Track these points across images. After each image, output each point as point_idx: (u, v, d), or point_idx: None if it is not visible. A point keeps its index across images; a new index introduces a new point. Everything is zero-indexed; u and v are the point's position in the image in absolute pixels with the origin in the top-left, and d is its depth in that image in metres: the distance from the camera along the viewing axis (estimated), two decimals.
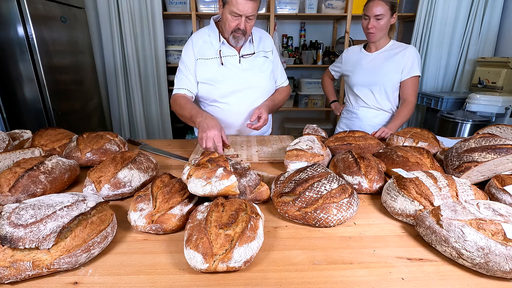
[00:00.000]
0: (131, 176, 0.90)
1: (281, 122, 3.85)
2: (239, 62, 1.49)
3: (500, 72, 2.49)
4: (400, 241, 0.72)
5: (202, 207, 0.72)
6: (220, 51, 1.47)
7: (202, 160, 0.86)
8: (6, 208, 0.63)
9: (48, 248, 0.58)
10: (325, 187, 0.79)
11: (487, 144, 0.93)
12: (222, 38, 1.46)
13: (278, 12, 3.12)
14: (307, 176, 0.84)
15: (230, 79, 1.49)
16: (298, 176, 0.85)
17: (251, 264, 0.63)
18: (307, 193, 0.78)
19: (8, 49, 2.14)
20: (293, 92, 3.45)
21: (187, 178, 0.78)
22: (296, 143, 1.13)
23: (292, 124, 3.64)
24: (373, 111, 1.83)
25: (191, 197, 0.79)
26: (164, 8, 3.09)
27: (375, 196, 0.94)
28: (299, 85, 3.55)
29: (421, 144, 1.24)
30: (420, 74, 1.71)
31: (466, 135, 2.43)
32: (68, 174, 0.95)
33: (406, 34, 3.52)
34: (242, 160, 1.22)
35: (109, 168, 0.89)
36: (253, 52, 1.52)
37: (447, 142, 1.37)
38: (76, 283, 0.58)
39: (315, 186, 0.79)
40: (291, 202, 0.79)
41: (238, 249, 0.60)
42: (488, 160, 0.89)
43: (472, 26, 2.95)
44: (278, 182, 0.88)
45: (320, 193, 0.77)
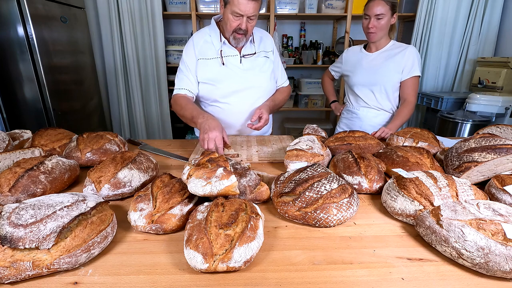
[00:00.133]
0: (131, 176, 0.90)
1: (281, 122, 3.85)
2: (240, 62, 1.49)
3: (500, 72, 2.49)
4: (400, 241, 0.72)
5: (202, 207, 0.72)
6: (221, 51, 1.47)
7: (202, 160, 0.86)
8: (6, 208, 0.63)
9: (48, 248, 0.58)
10: (325, 187, 0.79)
11: (487, 144, 0.93)
12: (223, 38, 1.46)
13: (278, 12, 3.12)
14: (307, 176, 0.84)
15: (231, 79, 1.49)
16: (298, 176, 0.85)
17: (251, 264, 0.63)
18: (307, 193, 0.78)
19: (8, 49, 2.14)
20: (293, 92, 3.46)
21: (187, 178, 0.78)
22: (296, 143, 1.13)
23: (292, 124, 3.64)
24: (373, 111, 1.83)
25: (191, 197, 0.79)
26: (164, 8, 3.10)
27: (375, 196, 0.94)
28: (299, 85, 3.55)
29: (421, 144, 1.24)
30: (420, 74, 1.72)
31: (466, 135, 2.43)
32: (68, 174, 0.95)
33: (406, 34, 3.52)
34: (242, 160, 1.22)
35: (109, 168, 0.89)
36: (254, 52, 1.52)
37: (447, 142, 1.37)
38: (76, 283, 0.58)
39: (315, 186, 0.79)
40: (291, 202, 0.79)
41: (238, 249, 0.60)
42: (488, 160, 0.89)
43: (472, 26, 2.95)
44: (278, 182, 0.88)
45: (320, 193, 0.77)
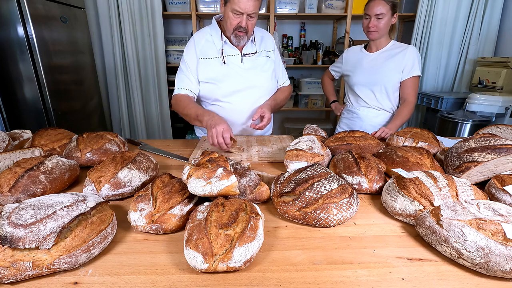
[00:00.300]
0: (131, 176, 0.90)
1: (281, 122, 3.85)
2: (241, 62, 1.49)
3: (500, 72, 2.49)
4: (400, 241, 0.72)
5: (202, 207, 0.72)
6: (222, 50, 1.47)
7: (202, 160, 0.86)
8: (6, 208, 0.63)
9: (48, 248, 0.58)
10: (325, 187, 0.79)
11: (487, 144, 0.93)
12: (224, 38, 1.46)
13: (278, 12, 3.12)
14: (307, 176, 0.84)
15: (232, 78, 1.49)
16: (298, 176, 0.85)
17: (251, 264, 0.63)
18: (307, 193, 0.78)
19: (8, 49, 2.14)
20: (293, 92, 3.45)
21: (187, 178, 0.78)
22: (296, 143, 1.13)
23: (292, 124, 3.64)
24: (374, 111, 1.83)
25: (191, 197, 0.79)
26: (164, 8, 3.10)
27: (375, 196, 0.94)
28: (299, 85, 3.55)
29: (421, 144, 1.23)
30: (420, 74, 1.72)
31: (466, 135, 2.43)
32: (68, 174, 0.95)
33: (406, 34, 3.52)
34: (242, 160, 1.22)
35: (109, 168, 0.89)
36: (255, 52, 1.52)
37: (447, 142, 1.37)
38: (76, 283, 0.58)
39: (315, 186, 0.79)
40: (291, 202, 0.79)
41: (238, 249, 0.60)
42: (488, 160, 0.89)
43: (472, 26, 2.95)
44: (278, 182, 0.88)
45: (320, 193, 0.77)
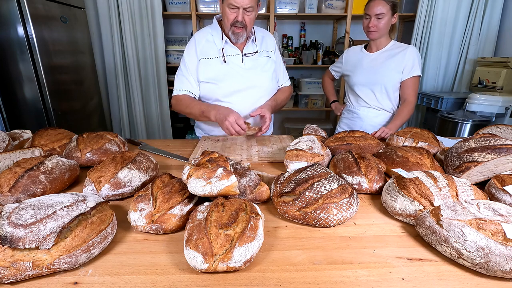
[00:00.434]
0: (131, 176, 0.90)
1: (281, 122, 3.85)
2: (242, 61, 1.49)
3: (500, 72, 2.49)
4: (400, 241, 0.72)
5: (202, 207, 0.72)
6: (223, 49, 1.47)
7: (202, 160, 0.86)
8: (6, 208, 0.63)
9: (48, 248, 0.58)
10: (325, 187, 0.79)
11: (487, 144, 0.93)
12: (225, 37, 1.46)
13: (278, 12, 3.12)
14: (307, 176, 0.84)
15: (233, 78, 1.49)
16: (298, 176, 0.85)
17: (251, 264, 0.63)
18: (307, 193, 0.78)
19: (8, 49, 2.14)
20: (293, 92, 3.45)
21: (187, 178, 0.78)
22: (296, 143, 1.13)
23: (292, 124, 3.64)
24: (374, 111, 1.83)
25: (191, 197, 0.79)
26: (164, 8, 3.10)
27: (375, 196, 0.94)
28: (299, 85, 3.55)
29: (421, 144, 1.23)
30: (420, 74, 1.72)
31: (466, 135, 2.43)
32: (68, 174, 0.95)
33: (406, 34, 3.52)
34: (242, 160, 1.22)
35: (109, 168, 0.89)
36: (255, 51, 1.52)
37: (447, 142, 1.37)
38: (76, 283, 0.58)
39: (315, 186, 0.79)
40: (291, 202, 0.79)
41: (238, 249, 0.60)
42: (488, 160, 0.89)
43: (472, 26, 2.95)
44: (278, 182, 0.88)
45: (320, 193, 0.77)
